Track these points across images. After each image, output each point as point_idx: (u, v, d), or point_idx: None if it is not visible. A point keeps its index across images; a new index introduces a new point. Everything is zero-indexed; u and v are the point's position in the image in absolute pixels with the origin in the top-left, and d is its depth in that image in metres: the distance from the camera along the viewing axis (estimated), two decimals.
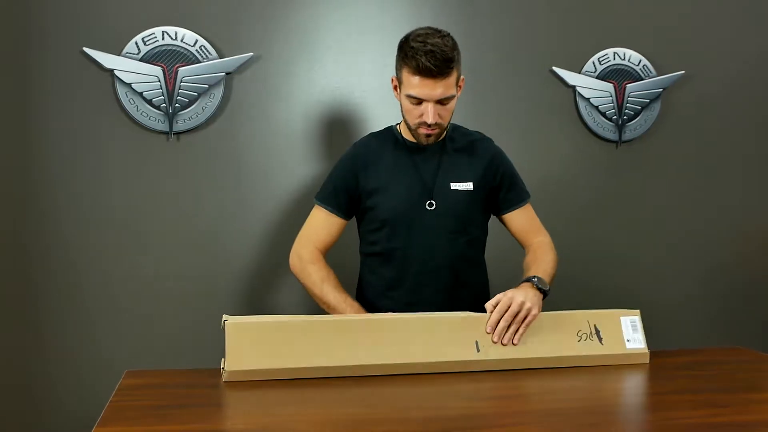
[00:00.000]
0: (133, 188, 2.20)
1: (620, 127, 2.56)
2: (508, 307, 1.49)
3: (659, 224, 2.61)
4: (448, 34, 1.64)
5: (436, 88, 1.59)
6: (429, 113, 1.61)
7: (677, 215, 2.63)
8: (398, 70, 1.65)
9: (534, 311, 1.51)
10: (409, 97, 1.62)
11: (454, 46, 1.62)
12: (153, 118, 2.18)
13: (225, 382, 1.38)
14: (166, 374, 1.55)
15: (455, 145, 1.79)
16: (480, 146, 1.82)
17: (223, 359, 1.40)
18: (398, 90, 1.68)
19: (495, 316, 1.49)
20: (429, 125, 1.64)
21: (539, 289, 1.58)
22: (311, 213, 1.78)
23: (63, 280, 2.18)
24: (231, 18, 2.24)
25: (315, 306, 2.31)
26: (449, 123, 1.74)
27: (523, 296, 1.51)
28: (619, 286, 2.59)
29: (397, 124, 1.82)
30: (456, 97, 1.68)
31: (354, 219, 1.82)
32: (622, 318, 1.60)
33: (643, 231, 2.60)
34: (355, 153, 1.77)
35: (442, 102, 1.62)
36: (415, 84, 1.59)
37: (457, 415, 1.21)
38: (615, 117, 2.55)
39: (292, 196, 2.31)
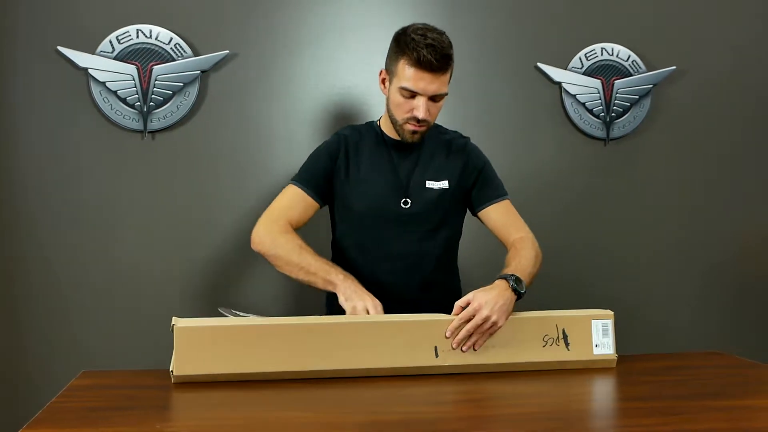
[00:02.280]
0: (108, 187, 2.19)
1: (608, 125, 2.49)
2: (473, 316, 1.42)
3: (649, 224, 2.55)
4: (444, 32, 1.63)
5: (432, 83, 1.57)
6: (421, 108, 1.59)
7: (667, 215, 2.56)
8: (392, 62, 1.62)
9: (499, 324, 1.43)
10: (402, 89, 1.59)
11: (450, 44, 1.61)
12: (127, 117, 2.17)
13: (174, 383, 1.36)
14: (120, 375, 1.53)
15: (433, 144, 1.77)
16: (458, 145, 1.80)
17: (172, 361, 1.38)
18: (387, 84, 1.66)
19: (457, 322, 1.42)
20: (418, 121, 1.61)
21: (514, 290, 1.49)
22: (282, 192, 1.70)
23: (38, 279, 2.17)
24: (206, 16, 2.22)
25: (290, 306, 2.30)
26: (431, 126, 1.72)
27: (490, 308, 1.41)
28: (606, 288, 2.52)
29: (377, 120, 1.80)
30: (444, 98, 1.66)
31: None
32: (593, 321, 1.53)
33: (632, 231, 2.54)
34: (338, 140, 1.75)
35: (434, 99, 1.61)
36: (411, 77, 1.57)
37: (398, 419, 1.17)
38: (603, 114, 2.49)
39: (268, 194, 2.23)
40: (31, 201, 2.16)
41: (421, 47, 1.53)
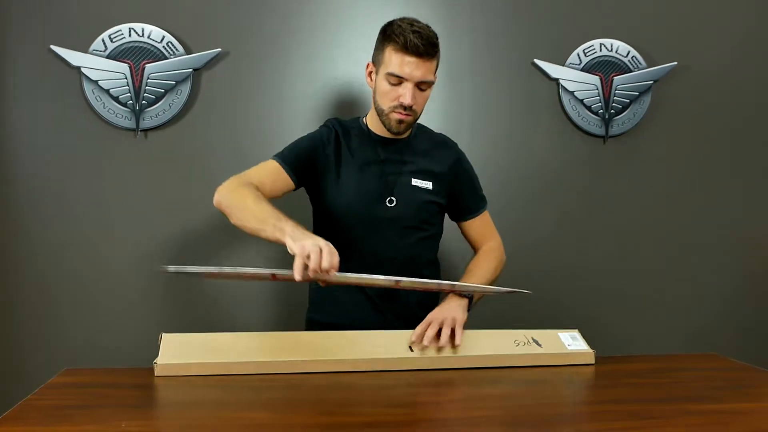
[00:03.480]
0: (100, 185, 2.20)
1: (607, 122, 2.45)
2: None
3: (649, 224, 2.50)
4: (430, 26, 1.65)
5: (418, 69, 1.59)
6: (408, 94, 1.60)
7: (668, 214, 2.50)
8: (379, 52, 1.64)
9: (457, 316, 1.53)
10: (389, 75, 1.60)
11: (437, 36, 1.64)
12: (120, 115, 2.17)
13: (156, 376, 1.38)
14: (100, 373, 1.53)
15: (420, 144, 1.78)
16: (444, 148, 1.81)
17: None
18: (373, 75, 1.67)
19: (419, 329, 1.50)
20: (405, 108, 1.62)
21: (462, 296, 1.61)
22: (260, 164, 1.69)
23: (30, 278, 2.19)
24: (198, 13, 2.22)
25: (283, 309, 2.29)
26: (418, 117, 1.72)
27: (443, 311, 1.54)
28: (606, 289, 2.48)
29: (363, 117, 1.79)
30: (431, 89, 1.67)
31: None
32: (560, 333, 1.59)
33: (632, 231, 2.49)
34: (329, 132, 1.75)
35: (420, 87, 1.62)
36: (398, 62, 1.59)
37: (362, 421, 1.15)
38: (601, 111, 2.44)
39: None
40: (24, 199, 2.17)
41: (407, 33, 1.56)
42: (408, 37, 1.55)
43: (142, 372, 1.50)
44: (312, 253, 1.32)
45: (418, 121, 1.80)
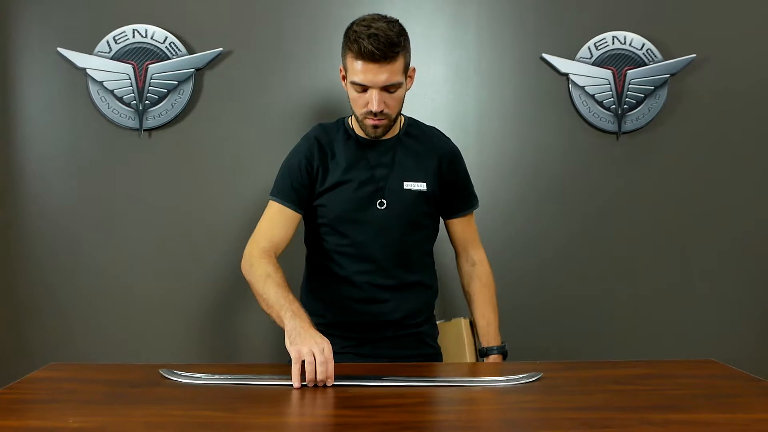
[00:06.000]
0: (105, 184, 2.25)
1: (620, 117, 2.36)
2: None
3: (664, 224, 2.38)
4: (397, 20, 1.60)
5: (380, 74, 1.53)
6: (374, 101, 1.56)
7: (684, 214, 2.38)
8: (343, 57, 1.61)
9: None
10: (354, 84, 1.57)
11: (401, 32, 1.58)
12: (124, 115, 2.22)
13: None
14: (84, 368, 1.57)
15: (410, 142, 1.74)
16: (436, 144, 1.77)
17: None
18: (345, 80, 1.64)
19: None
20: (375, 114, 1.58)
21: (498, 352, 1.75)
22: (266, 210, 1.72)
23: (34, 275, 2.25)
24: (200, 14, 2.24)
25: None
26: (399, 115, 1.69)
27: None
28: (618, 293, 2.38)
29: (348, 117, 1.78)
30: (405, 88, 1.63)
31: None
32: None
33: (646, 231, 2.38)
34: (309, 145, 1.73)
35: (388, 90, 1.57)
36: (358, 70, 1.55)
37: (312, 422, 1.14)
38: (614, 106, 2.35)
39: (263, 192, 2.23)
40: (29, 198, 2.24)
41: (362, 38, 1.50)
42: (362, 43, 1.50)
43: (124, 368, 1.52)
44: (307, 363, 1.32)
45: (409, 116, 1.78)
